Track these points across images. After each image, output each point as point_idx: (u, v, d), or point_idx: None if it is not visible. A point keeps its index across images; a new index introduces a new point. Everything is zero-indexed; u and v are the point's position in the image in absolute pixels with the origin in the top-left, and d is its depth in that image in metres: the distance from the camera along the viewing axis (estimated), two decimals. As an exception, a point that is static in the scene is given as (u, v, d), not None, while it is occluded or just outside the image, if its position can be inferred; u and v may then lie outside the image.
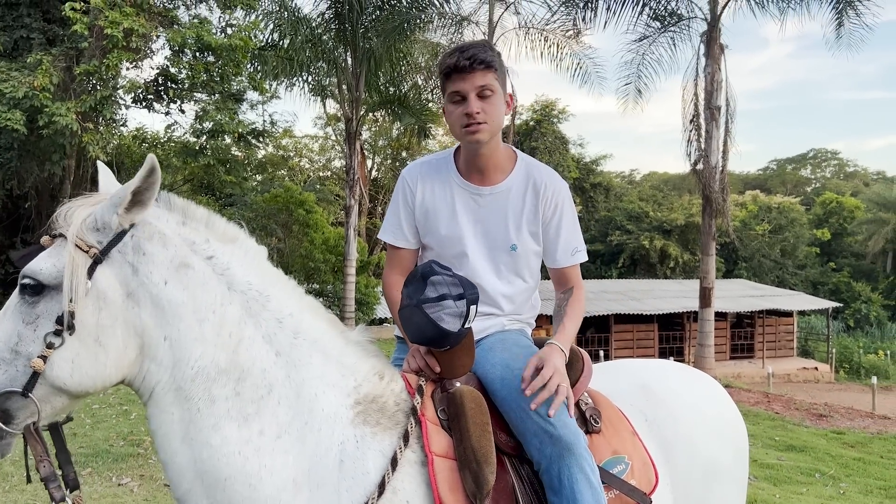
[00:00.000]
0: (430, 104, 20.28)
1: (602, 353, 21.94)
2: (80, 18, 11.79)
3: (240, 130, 14.94)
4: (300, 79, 18.49)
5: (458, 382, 1.95)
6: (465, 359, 1.94)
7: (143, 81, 14.98)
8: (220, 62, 14.29)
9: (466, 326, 1.83)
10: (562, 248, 2.18)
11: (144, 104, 15.87)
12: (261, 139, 18.33)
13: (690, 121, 15.93)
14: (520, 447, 1.94)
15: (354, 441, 1.75)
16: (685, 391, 2.42)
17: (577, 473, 1.84)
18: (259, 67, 16.94)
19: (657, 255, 37.73)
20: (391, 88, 19.63)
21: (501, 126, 2.11)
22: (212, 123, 14.32)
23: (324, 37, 17.57)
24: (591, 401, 2.17)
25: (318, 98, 20.11)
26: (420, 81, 20.29)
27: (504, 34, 18.11)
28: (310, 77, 18.66)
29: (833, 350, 27.86)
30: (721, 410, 2.47)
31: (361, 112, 18.91)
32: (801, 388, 21.56)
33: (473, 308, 1.83)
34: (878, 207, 43.52)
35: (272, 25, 16.97)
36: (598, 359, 20.23)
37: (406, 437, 1.79)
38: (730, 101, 15.53)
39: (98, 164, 1.98)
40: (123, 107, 15.53)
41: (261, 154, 25.28)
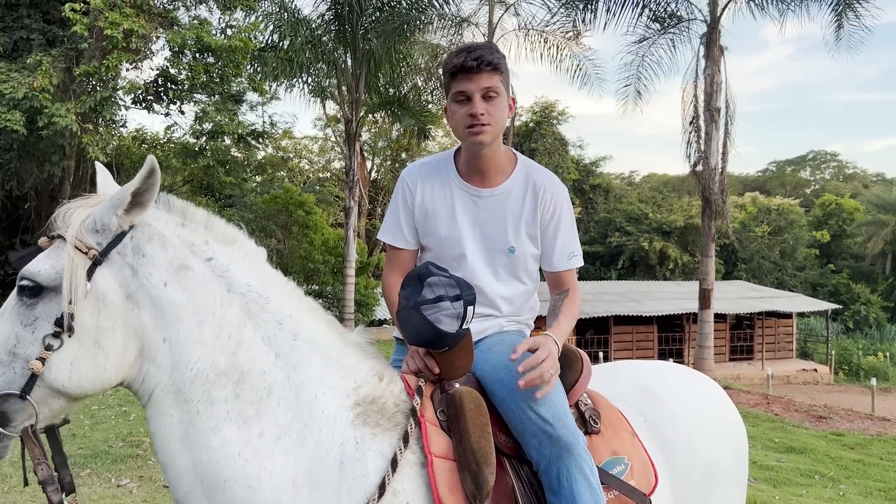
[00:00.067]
0: (430, 106, 20.28)
1: (601, 355, 21.91)
2: (80, 19, 11.78)
3: (239, 131, 14.94)
4: (300, 80, 18.50)
5: (458, 383, 1.95)
6: (464, 360, 1.93)
7: (143, 82, 14.98)
8: (220, 63, 14.29)
9: (464, 327, 1.83)
10: (559, 252, 2.17)
11: (144, 105, 15.88)
12: (260, 140, 18.34)
13: (690, 122, 15.95)
14: (519, 448, 1.94)
15: (354, 442, 1.75)
16: (684, 392, 2.42)
17: (577, 474, 1.84)
18: (259, 68, 16.95)
19: (656, 257, 37.73)
20: (391, 90, 19.64)
21: (504, 129, 2.11)
22: (211, 124, 14.32)
23: (324, 38, 17.57)
24: (591, 402, 2.17)
25: (318, 99, 20.11)
26: (420, 83, 20.30)
27: (504, 36, 18.13)
28: (309, 78, 18.66)
29: (832, 352, 27.85)
30: (720, 411, 2.47)
31: (361, 113, 18.91)
32: (801, 390, 21.56)
33: (470, 309, 1.82)
34: (878, 209, 43.55)
35: (272, 27, 16.99)
36: (598, 360, 20.19)
37: (406, 439, 1.78)
38: (729, 103, 15.57)
39: (96, 165, 1.97)
40: (123, 108, 15.55)
41: (260, 155, 25.26)
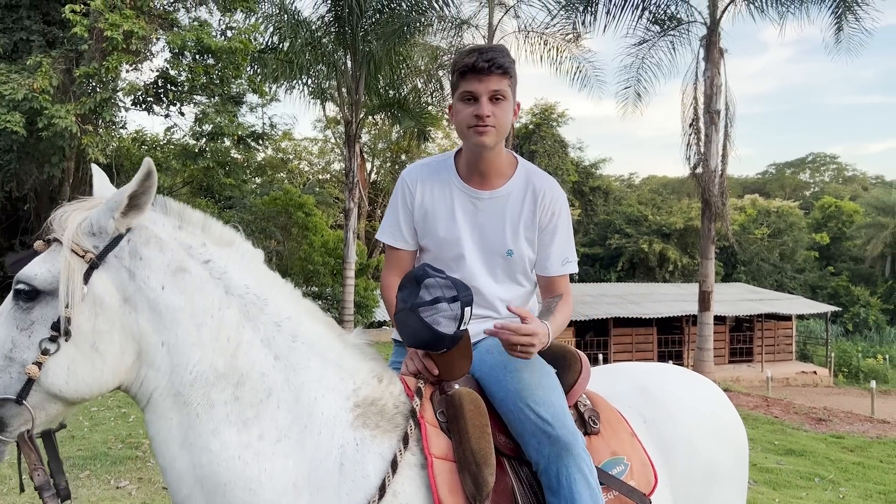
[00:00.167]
0: (430, 108, 20.30)
1: (601, 357, 21.90)
2: (80, 21, 11.78)
3: (239, 133, 14.93)
4: (300, 82, 18.50)
5: (457, 384, 1.95)
6: (463, 361, 1.93)
7: (143, 84, 14.98)
8: (220, 65, 14.29)
9: (462, 329, 1.82)
10: (554, 257, 2.17)
11: (144, 107, 15.88)
12: (260, 142, 18.35)
13: (690, 124, 15.95)
14: (518, 449, 1.94)
15: (354, 444, 1.74)
16: (684, 394, 2.42)
17: (576, 473, 1.84)
18: (259, 70, 16.95)
19: (656, 259, 37.72)
20: (391, 91, 19.65)
21: (507, 132, 2.11)
22: (211, 126, 14.31)
23: (323, 40, 17.58)
24: (590, 402, 2.17)
25: (318, 101, 20.11)
26: (420, 85, 20.30)
27: (504, 38, 18.13)
28: (309, 80, 18.66)
29: (832, 354, 27.85)
30: (720, 413, 2.47)
31: (361, 115, 18.91)
32: (800, 392, 21.54)
33: (468, 310, 1.82)
34: (877, 212, 43.57)
35: (272, 28, 17.00)
36: (597, 362, 20.18)
37: (406, 440, 1.78)
38: (729, 105, 15.55)
39: (92, 168, 1.95)
40: (123, 109, 15.52)
41: (260, 157, 25.27)
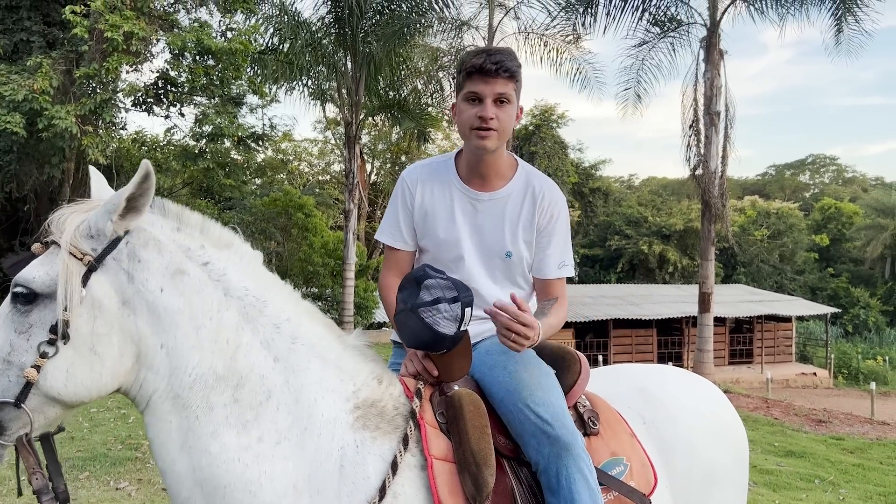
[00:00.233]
0: (430, 109, 20.31)
1: (601, 358, 21.90)
2: (81, 22, 11.79)
3: (239, 134, 14.93)
4: (300, 83, 18.52)
5: (456, 385, 1.95)
6: (463, 362, 1.93)
7: (143, 85, 14.99)
8: (220, 66, 14.29)
9: (462, 329, 1.82)
10: (550, 259, 2.16)
11: (144, 108, 15.89)
12: (260, 143, 18.35)
13: (690, 126, 15.95)
14: (518, 449, 1.93)
15: (354, 446, 1.74)
16: (684, 395, 2.42)
17: (575, 473, 1.84)
18: (259, 71, 16.96)
19: (656, 260, 37.72)
20: (391, 93, 19.66)
21: (509, 136, 2.11)
22: (211, 127, 14.32)
23: (324, 41, 17.60)
24: (589, 403, 2.17)
25: (318, 102, 20.12)
26: (420, 86, 20.31)
27: (504, 39, 18.13)
28: (309, 81, 18.67)
29: (832, 355, 27.84)
30: (720, 414, 2.47)
31: (361, 116, 18.92)
32: (800, 394, 21.53)
33: (468, 311, 1.82)
34: (877, 213, 43.57)
35: (272, 29, 17.01)
36: (597, 363, 20.17)
37: (406, 441, 1.78)
38: (729, 107, 15.56)
39: (90, 170, 1.94)
40: (123, 110, 15.53)
41: (260, 158, 25.28)
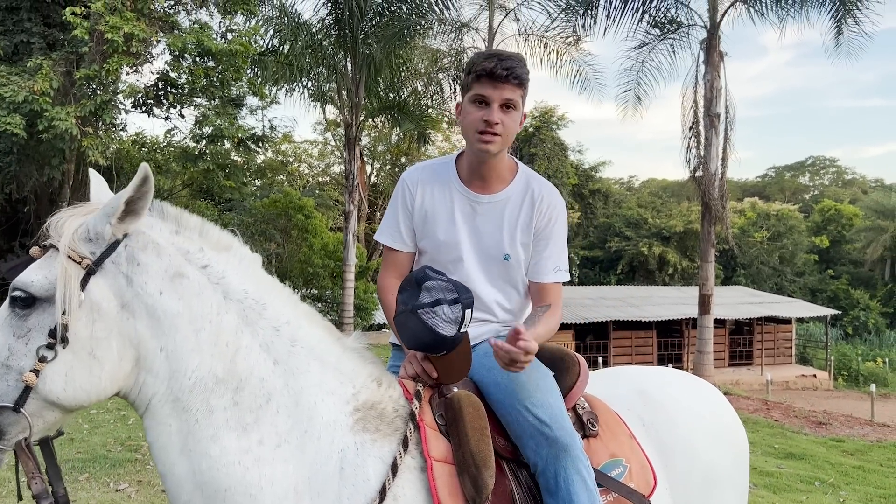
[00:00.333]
0: (430, 110, 20.31)
1: (601, 360, 21.90)
2: (81, 23, 11.80)
3: (239, 135, 14.96)
4: (300, 84, 18.53)
5: (456, 387, 1.95)
6: (462, 364, 1.93)
7: (143, 86, 15.02)
8: (221, 67, 14.32)
9: (462, 331, 1.82)
10: (545, 263, 2.16)
11: (144, 109, 15.91)
12: (260, 144, 18.38)
13: (690, 128, 15.96)
14: (517, 451, 1.93)
15: (354, 448, 1.74)
16: (684, 397, 2.42)
17: (574, 475, 1.84)
18: (259, 73, 16.98)
19: (656, 262, 37.73)
20: (391, 94, 19.67)
21: (511, 141, 2.11)
22: (211, 128, 14.34)
23: (324, 42, 17.61)
24: (588, 405, 2.17)
25: (318, 103, 20.15)
26: (420, 87, 20.32)
27: (504, 41, 18.15)
28: (309, 82, 18.69)
29: (831, 357, 27.83)
30: (720, 417, 2.46)
31: (361, 118, 18.93)
32: (800, 396, 21.52)
33: (468, 312, 1.82)
34: (877, 215, 43.58)
35: (272, 31, 17.03)
36: (597, 365, 20.19)
37: (405, 443, 1.78)
38: (729, 109, 15.57)
39: (90, 172, 1.94)
40: (123, 111, 15.57)
41: (260, 159, 25.28)
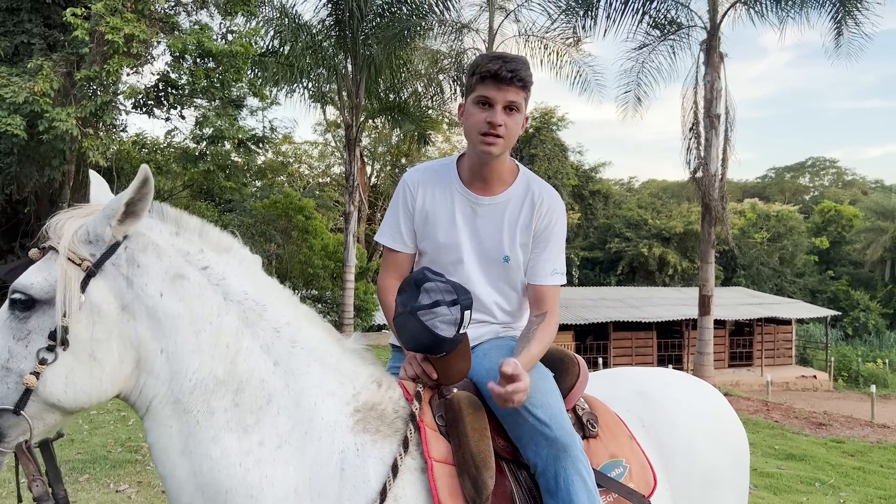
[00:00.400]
0: (430, 111, 20.32)
1: (601, 361, 21.89)
2: (81, 24, 11.81)
3: (240, 136, 14.97)
4: (300, 85, 18.54)
5: (456, 388, 1.95)
6: (462, 365, 1.93)
7: (144, 87, 15.02)
8: (221, 68, 14.33)
9: (461, 332, 1.82)
10: (543, 265, 2.16)
11: (145, 110, 15.91)
12: (260, 145, 18.38)
13: (690, 129, 15.97)
14: (517, 452, 1.94)
15: (355, 449, 1.74)
16: (684, 398, 2.42)
17: (574, 475, 1.85)
18: (259, 73, 16.99)
19: (656, 263, 37.74)
20: (391, 95, 19.68)
21: (513, 143, 2.12)
22: (212, 129, 14.35)
23: (324, 43, 17.62)
24: (588, 406, 2.18)
25: (318, 104, 20.16)
26: (420, 88, 20.33)
27: (504, 42, 18.17)
28: (310, 83, 18.70)
29: (832, 358, 27.82)
30: (720, 417, 2.47)
31: (361, 119, 18.94)
32: (800, 397, 21.51)
33: (467, 314, 1.82)
34: (877, 216, 43.60)
35: (273, 32, 17.05)
36: (597, 366, 20.19)
37: (406, 444, 1.78)
38: (729, 110, 15.58)
39: (90, 174, 1.94)
40: (124, 112, 15.57)
41: (260, 160, 25.30)
